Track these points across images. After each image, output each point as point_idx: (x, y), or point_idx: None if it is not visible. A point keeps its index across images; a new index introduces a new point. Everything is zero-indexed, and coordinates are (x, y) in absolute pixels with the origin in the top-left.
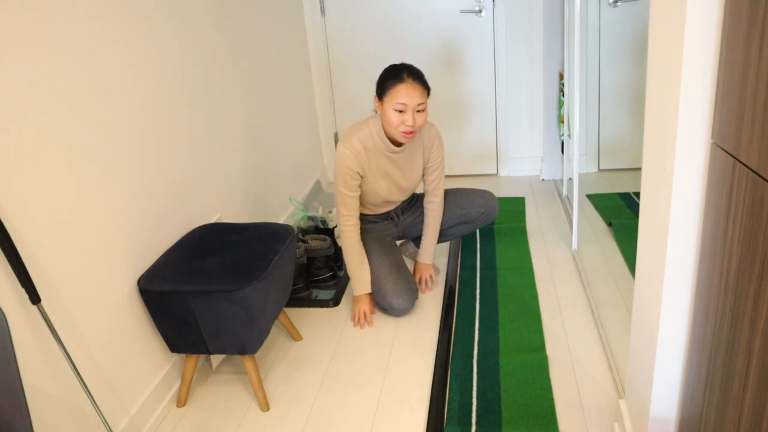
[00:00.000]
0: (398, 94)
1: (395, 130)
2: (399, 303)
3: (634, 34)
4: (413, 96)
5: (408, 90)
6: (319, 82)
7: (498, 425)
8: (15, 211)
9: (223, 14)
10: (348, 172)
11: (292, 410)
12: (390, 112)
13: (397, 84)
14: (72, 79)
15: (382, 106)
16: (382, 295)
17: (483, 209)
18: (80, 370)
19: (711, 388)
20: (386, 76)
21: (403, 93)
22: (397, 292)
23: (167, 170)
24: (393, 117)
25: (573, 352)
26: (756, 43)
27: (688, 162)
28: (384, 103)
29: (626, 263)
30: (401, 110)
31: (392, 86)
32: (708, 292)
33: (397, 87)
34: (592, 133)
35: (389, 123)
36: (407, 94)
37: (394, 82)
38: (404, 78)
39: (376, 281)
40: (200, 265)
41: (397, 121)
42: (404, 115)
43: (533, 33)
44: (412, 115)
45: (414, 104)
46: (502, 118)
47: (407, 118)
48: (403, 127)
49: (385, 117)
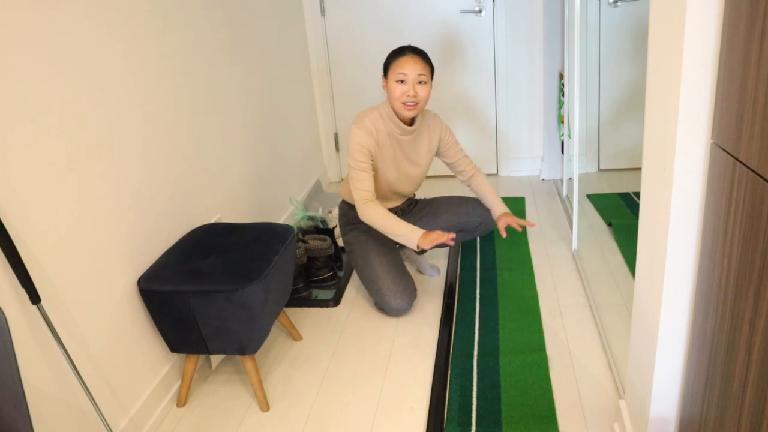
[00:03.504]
0: (399, 66)
1: (398, 102)
2: (397, 303)
3: (634, 34)
4: (414, 67)
5: (408, 62)
6: (319, 82)
7: (498, 425)
8: (15, 211)
9: (223, 15)
10: (361, 149)
11: (292, 410)
12: (393, 85)
13: (399, 57)
14: (72, 79)
15: (387, 82)
16: (381, 295)
17: (481, 219)
18: (80, 370)
19: (711, 388)
20: (390, 54)
21: (404, 64)
22: (396, 292)
23: (167, 170)
24: (395, 89)
25: (573, 352)
26: (756, 43)
27: (688, 162)
28: (388, 78)
29: (626, 263)
30: (402, 80)
31: (394, 60)
32: (708, 292)
33: (399, 60)
34: (592, 133)
35: (392, 95)
36: (407, 64)
37: (396, 56)
38: (405, 52)
39: (375, 280)
40: (200, 265)
41: (399, 92)
42: (405, 85)
43: (533, 33)
44: (413, 86)
45: (414, 75)
46: (502, 118)
47: (408, 88)
48: (405, 98)
49: (389, 91)
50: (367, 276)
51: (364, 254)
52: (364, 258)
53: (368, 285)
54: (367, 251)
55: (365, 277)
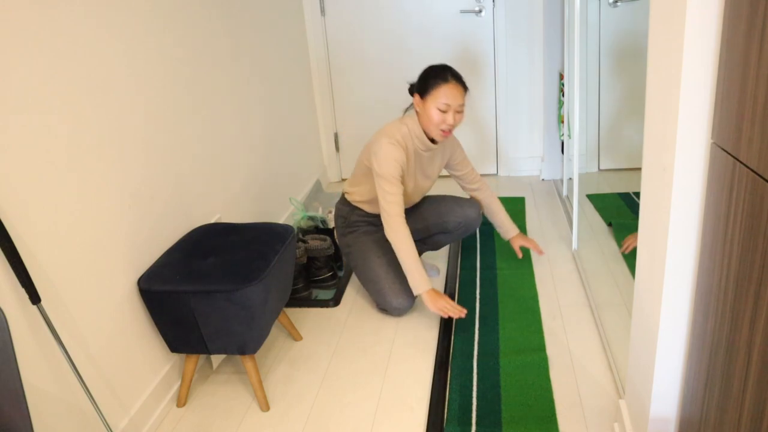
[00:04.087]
0: (442, 94)
1: (435, 127)
2: (398, 302)
3: (634, 34)
4: (456, 96)
5: (452, 90)
6: (319, 83)
7: (498, 425)
8: (15, 211)
9: (223, 15)
10: (395, 165)
11: (292, 410)
12: (433, 111)
13: (442, 84)
14: (73, 79)
15: (424, 104)
16: (381, 295)
17: (461, 220)
18: (80, 370)
19: (711, 388)
20: (430, 75)
21: (448, 93)
22: (396, 291)
23: (167, 170)
24: (435, 115)
25: (573, 352)
26: (756, 43)
27: (688, 162)
28: (426, 101)
29: (626, 263)
30: (444, 110)
31: (436, 86)
32: (708, 292)
33: (442, 87)
34: (592, 133)
35: (430, 120)
36: (451, 94)
37: (438, 81)
38: (448, 78)
39: (375, 281)
40: (200, 265)
41: (439, 119)
42: (446, 114)
43: (533, 33)
44: (453, 114)
45: (456, 105)
46: (502, 118)
47: (448, 117)
48: (444, 126)
49: (427, 114)
50: (366, 277)
51: (363, 255)
52: (363, 259)
53: (368, 286)
54: (366, 252)
55: (365, 278)
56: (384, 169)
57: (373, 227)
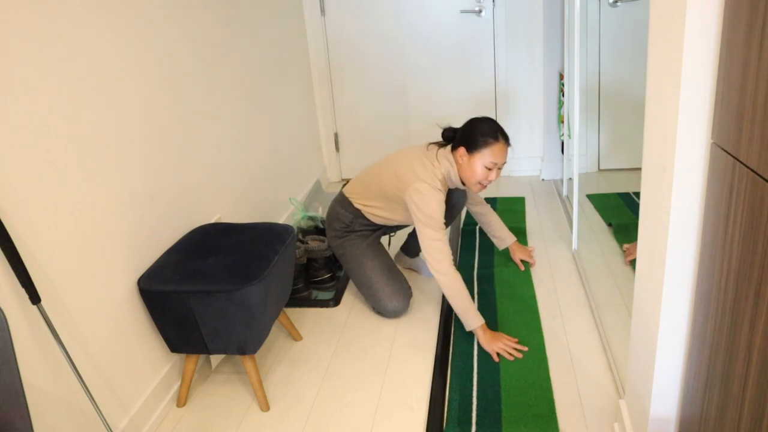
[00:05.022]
0: (493, 154)
1: (476, 182)
2: (393, 305)
3: (634, 34)
4: (503, 156)
5: (501, 150)
6: (319, 83)
7: (498, 425)
8: (15, 211)
9: (223, 15)
10: (441, 212)
11: (292, 410)
12: (479, 167)
13: (493, 143)
14: (73, 79)
15: (470, 158)
16: (376, 299)
17: None
18: (80, 370)
19: (711, 388)
20: (479, 132)
21: (497, 153)
22: (390, 294)
23: (168, 170)
24: (480, 171)
25: (573, 352)
26: (756, 43)
27: (688, 162)
28: (474, 156)
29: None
30: (490, 168)
31: (487, 144)
32: (708, 292)
33: (493, 146)
34: (592, 133)
35: (474, 174)
36: (500, 154)
37: (489, 140)
38: (498, 138)
39: (368, 285)
40: (200, 265)
41: (482, 176)
42: (491, 173)
43: (533, 33)
44: (497, 172)
45: (501, 162)
46: (502, 118)
47: (492, 174)
48: (486, 182)
49: (471, 169)
50: (360, 281)
51: (356, 259)
52: (357, 263)
53: (363, 290)
54: (359, 256)
55: (359, 282)
56: (433, 220)
57: (369, 231)
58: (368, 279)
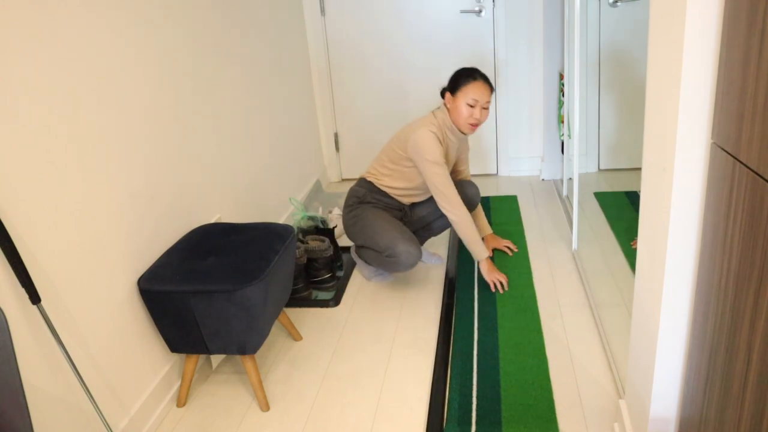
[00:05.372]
0: (472, 91)
1: (464, 121)
2: (406, 248)
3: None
4: (483, 93)
5: (480, 88)
6: (319, 82)
7: (498, 425)
8: (15, 211)
9: (223, 15)
10: (440, 149)
11: (292, 410)
12: (462, 106)
13: (471, 82)
14: (73, 79)
15: (455, 100)
16: (389, 245)
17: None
18: (80, 370)
19: (711, 388)
20: (461, 75)
21: (476, 90)
22: (403, 240)
23: (168, 170)
24: (464, 110)
25: (573, 352)
26: (756, 43)
27: (688, 162)
28: (457, 97)
29: (627, 263)
30: (472, 105)
31: (466, 83)
32: (708, 292)
33: (472, 84)
34: (592, 133)
35: (460, 114)
36: (479, 91)
37: (468, 80)
38: (476, 77)
39: (380, 234)
40: (200, 265)
41: (467, 114)
42: (474, 109)
43: (533, 33)
44: (480, 110)
45: (483, 101)
46: (502, 118)
47: (476, 112)
48: (472, 120)
49: (457, 109)
50: (370, 234)
51: (368, 218)
52: (369, 220)
53: (374, 241)
54: (371, 215)
55: (369, 235)
56: (431, 155)
57: (382, 204)
58: (382, 229)
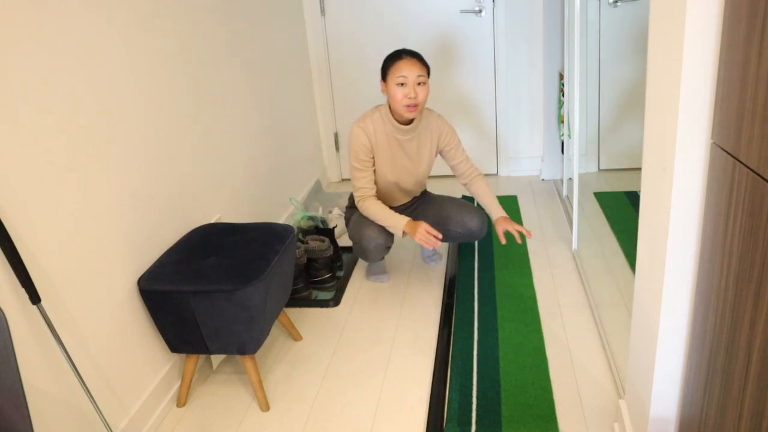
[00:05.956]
0: (398, 69)
1: (400, 105)
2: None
3: (634, 34)
4: (412, 69)
5: (407, 65)
6: (319, 83)
7: (498, 425)
8: (15, 211)
9: (223, 14)
10: (360, 147)
11: (292, 410)
12: (393, 88)
13: (397, 61)
14: (73, 79)
15: (387, 86)
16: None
17: (461, 231)
18: (80, 370)
19: (711, 388)
20: (387, 58)
21: (403, 67)
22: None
23: (168, 170)
24: (396, 92)
25: (573, 352)
26: (756, 43)
27: (688, 162)
28: (388, 82)
29: (627, 262)
30: (402, 83)
31: (392, 64)
32: (708, 292)
33: (397, 63)
34: (592, 133)
35: (394, 98)
36: (406, 67)
37: (394, 60)
38: (402, 56)
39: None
40: (200, 265)
41: (401, 95)
42: (406, 88)
43: (533, 33)
44: (413, 87)
45: (413, 77)
46: (502, 118)
47: (409, 90)
48: (406, 101)
49: (390, 95)
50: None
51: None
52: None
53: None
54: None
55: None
56: (350, 156)
57: None
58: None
